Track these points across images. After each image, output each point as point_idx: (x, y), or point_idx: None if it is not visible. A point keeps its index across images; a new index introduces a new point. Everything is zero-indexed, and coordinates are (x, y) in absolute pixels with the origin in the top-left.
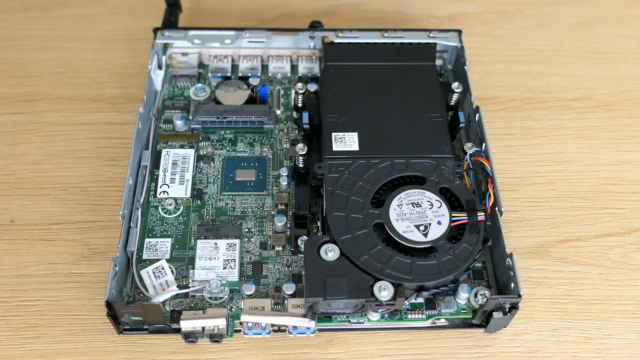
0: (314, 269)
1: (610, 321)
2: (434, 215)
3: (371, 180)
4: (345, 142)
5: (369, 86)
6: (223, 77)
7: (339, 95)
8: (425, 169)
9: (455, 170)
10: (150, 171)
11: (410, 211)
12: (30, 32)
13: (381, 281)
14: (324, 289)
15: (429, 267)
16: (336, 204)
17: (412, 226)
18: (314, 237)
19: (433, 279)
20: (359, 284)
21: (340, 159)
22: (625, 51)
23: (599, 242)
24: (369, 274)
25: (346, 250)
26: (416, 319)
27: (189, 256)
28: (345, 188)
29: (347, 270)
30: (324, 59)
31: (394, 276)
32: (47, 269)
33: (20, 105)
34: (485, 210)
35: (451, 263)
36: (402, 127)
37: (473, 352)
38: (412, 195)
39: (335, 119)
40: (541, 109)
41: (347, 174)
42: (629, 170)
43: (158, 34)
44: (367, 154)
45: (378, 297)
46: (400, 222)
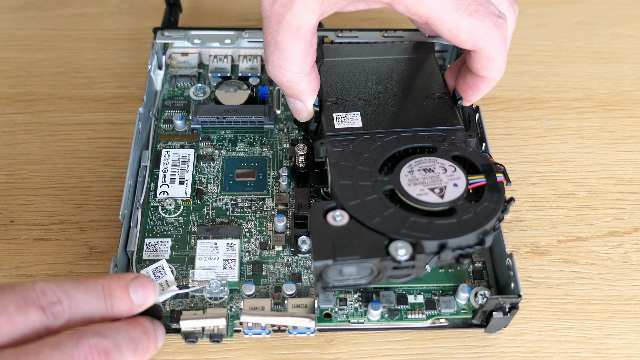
0: (321, 234)
1: (610, 321)
2: (448, 178)
3: (378, 152)
4: (348, 120)
5: (369, 76)
6: (223, 77)
7: (339, 85)
8: (435, 139)
9: (467, 140)
10: (150, 171)
11: (422, 176)
12: (30, 32)
13: (397, 241)
14: (333, 252)
15: (449, 226)
16: (342, 174)
17: (426, 189)
18: (319, 203)
19: (454, 236)
20: (373, 244)
21: (343, 136)
22: (625, 51)
23: (599, 242)
24: (383, 234)
25: (356, 214)
26: (416, 319)
27: (189, 256)
28: (350, 160)
29: (359, 232)
30: (321, 56)
31: (411, 235)
32: (47, 269)
33: (20, 105)
34: (505, 172)
35: (473, 221)
36: (406, 104)
37: (473, 352)
38: (423, 162)
39: (339, 101)
40: (541, 109)
41: (351, 147)
42: (629, 170)
43: (158, 34)
44: (371, 129)
45: (395, 256)
46: (413, 187)
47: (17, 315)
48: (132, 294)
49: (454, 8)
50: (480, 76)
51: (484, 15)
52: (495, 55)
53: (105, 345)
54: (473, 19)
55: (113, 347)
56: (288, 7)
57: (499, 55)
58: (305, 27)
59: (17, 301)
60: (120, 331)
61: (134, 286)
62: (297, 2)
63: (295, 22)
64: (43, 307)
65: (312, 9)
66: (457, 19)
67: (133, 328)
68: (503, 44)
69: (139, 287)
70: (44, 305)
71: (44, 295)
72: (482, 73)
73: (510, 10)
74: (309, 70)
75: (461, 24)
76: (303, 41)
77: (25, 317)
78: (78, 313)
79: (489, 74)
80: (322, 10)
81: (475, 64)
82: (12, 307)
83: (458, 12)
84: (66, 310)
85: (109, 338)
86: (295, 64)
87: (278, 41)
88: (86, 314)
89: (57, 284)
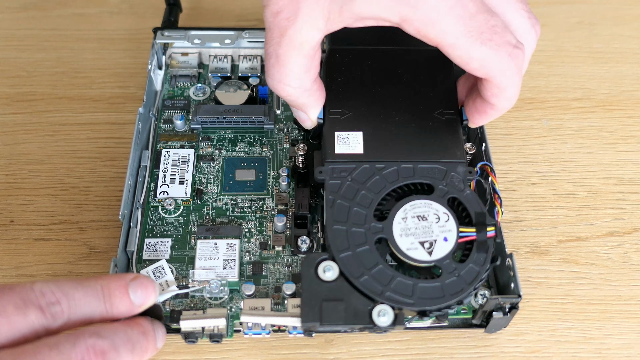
0: (311, 291)
1: (610, 321)
2: (440, 230)
3: (375, 188)
4: (349, 144)
5: (376, 74)
6: (223, 77)
7: (344, 86)
8: (434, 175)
9: (467, 177)
10: (150, 171)
11: (415, 225)
12: (30, 32)
13: (380, 305)
14: (320, 314)
15: (432, 290)
16: (337, 215)
17: (416, 243)
18: (312, 254)
19: (435, 303)
20: (357, 308)
21: (343, 163)
22: (625, 51)
23: (599, 242)
24: (368, 297)
25: (345, 270)
26: (416, 319)
27: (188, 256)
28: (347, 197)
29: (346, 293)
30: (328, 43)
31: (395, 300)
32: (47, 269)
33: (20, 105)
34: (496, 225)
35: (456, 285)
36: (411, 125)
37: (473, 352)
38: (418, 206)
39: (339, 115)
40: (541, 109)
41: (349, 180)
42: (629, 170)
43: (158, 34)
44: (372, 157)
45: (377, 323)
46: (404, 238)
47: (16, 315)
48: (132, 294)
49: (466, 35)
50: (489, 103)
51: (498, 45)
52: (507, 86)
53: (102, 346)
54: (486, 47)
55: (110, 347)
56: (291, 22)
57: (511, 86)
58: (308, 43)
59: (16, 302)
60: (118, 332)
61: (134, 286)
62: (302, 17)
63: (298, 38)
64: (42, 307)
65: (317, 26)
66: (468, 46)
67: (131, 329)
68: (517, 75)
69: (139, 287)
70: (42, 306)
71: (43, 296)
72: (492, 101)
73: (531, 33)
74: (310, 85)
75: (473, 52)
76: (305, 57)
77: (24, 318)
78: (77, 313)
79: (499, 103)
80: (327, 27)
81: (485, 91)
82: (11, 308)
83: (470, 40)
84: (65, 310)
85: (106, 339)
86: (295, 79)
87: (279, 55)
88: (85, 315)
89: (56, 285)
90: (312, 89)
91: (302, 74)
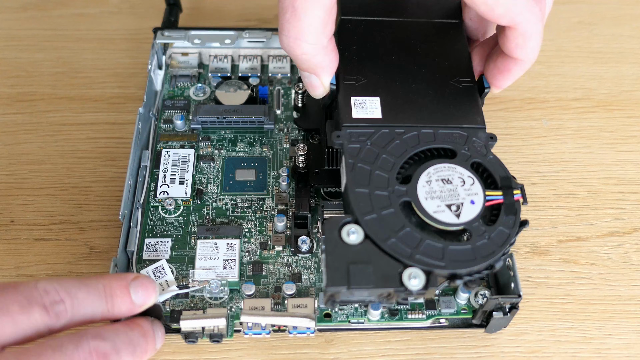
0: (336, 254)
1: (610, 321)
2: (466, 193)
3: (396, 152)
4: (366, 109)
5: (390, 44)
6: (223, 77)
7: (357, 54)
8: (455, 140)
9: (488, 142)
10: (150, 171)
11: (440, 188)
12: (30, 32)
13: (411, 268)
14: (347, 277)
15: (463, 253)
16: (358, 179)
17: (443, 205)
18: (334, 217)
19: (467, 266)
20: (386, 271)
21: (361, 127)
22: (625, 51)
23: (599, 242)
24: (396, 259)
25: (371, 232)
26: (416, 319)
27: (189, 256)
28: (367, 161)
29: (373, 256)
30: (340, 13)
31: (425, 262)
32: (47, 269)
33: (20, 105)
34: (522, 189)
35: (487, 248)
36: (428, 92)
37: (473, 352)
38: (441, 170)
39: (354, 81)
40: (541, 109)
41: (369, 144)
42: (629, 170)
43: (158, 34)
44: (391, 122)
45: (408, 287)
46: (430, 201)
47: (20, 315)
48: (133, 294)
49: None
50: (513, 58)
51: None
52: (532, 34)
53: (105, 349)
54: None
55: (112, 350)
56: None
57: (536, 34)
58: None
59: (20, 301)
60: (119, 334)
61: (135, 286)
62: None
63: None
64: (46, 306)
65: None
66: None
67: (132, 330)
68: (540, 22)
69: (140, 287)
70: (47, 305)
71: (47, 294)
72: (516, 54)
73: None
74: (326, 42)
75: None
76: (323, 9)
77: (28, 317)
78: (80, 313)
79: (523, 55)
80: None
81: (509, 42)
82: (15, 307)
83: None
84: (68, 310)
85: (108, 341)
86: (313, 35)
87: (296, 7)
88: (87, 314)
89: (59, 283)
90: (328, 48)
91: (320, 29)
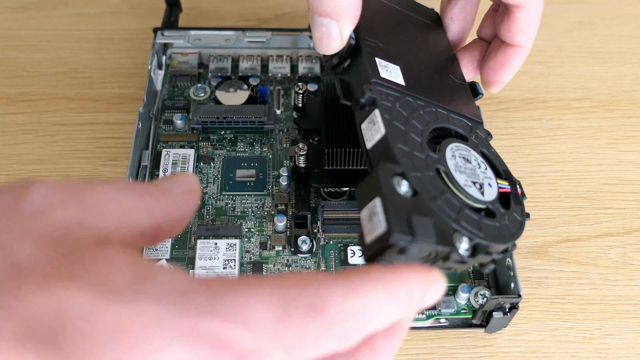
0: (396, 202)
1: (610, 321)
2: (483, 176)
3: (420, 122)
4: (390, 73)
5: (404, 30)
6: (223, 77)
7: (376, 27)
8: (464, 127)
9: (487, 138)
10: (150, 171)
11: (464, 165)
12: (30, 32)
13: (458, 232)
14: (411, 228)
15: (493, 229)
16: (396, 135)
17: (469, 181)
18: (386, 163)
19: (500, 242)
20: (442, 230)
21: (389, 88)
22: (625, 51)
23: (599, 242)
24: (444, 222)
25: (420, 189)
26: (416, 318)
27: (189, 256)
28: (400, 121)
29: (427, 211)
30: None
31: (468, 230)
32: None
33: (20, 105)
34: (520, 184)
35: (508, 229)
36: (435, 77)
37: (473, 352)
38: (461, 149)
39: (376, 45)
40: (541, 109)
41: (398, 106)
42: (629, 170)
43: (158, 34)
44: (413, 92)
45: (459, 250)
46: (459, 174)
47: None
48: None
49: None
50: (513, 46)
51: None
52: (536, 17)
53: None
54: None
55: None
56: None
57: (538, 18)
58: None
59: None
60: None
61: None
62: None
63: None
64: None
65: None
66: None
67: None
68: (541, 7)
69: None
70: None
71: None
72: (518, 39)
73: None
74: None
75: None
76: None
77: None
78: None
79: (524, 40)
80: None
81: (513, 26)
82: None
83: None
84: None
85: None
86: None
87: None
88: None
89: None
90: None
91: None
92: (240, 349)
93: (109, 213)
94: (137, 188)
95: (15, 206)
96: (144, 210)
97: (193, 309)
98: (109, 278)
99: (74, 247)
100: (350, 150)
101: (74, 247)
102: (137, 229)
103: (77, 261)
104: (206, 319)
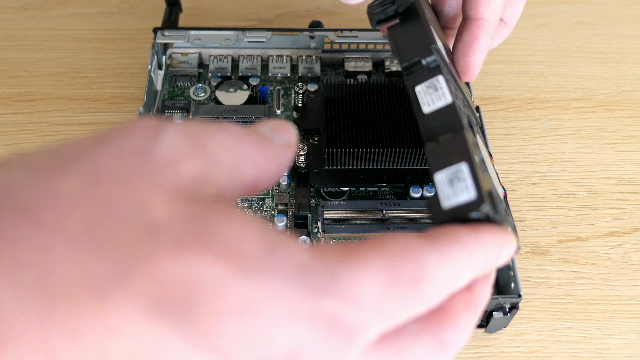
0: (483, 177)
1: (610, 321)
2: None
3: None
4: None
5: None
6: (223, 77)
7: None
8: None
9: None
10: None
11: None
12: (30, 32)
13: (509, 216)
14: (492, 200)
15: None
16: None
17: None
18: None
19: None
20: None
21: (442, 56)
22: (625, 51)
23: (599, 242)
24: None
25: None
26: None
27: None
28: (453, 91)
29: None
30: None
31: (509, 221)
32: None
33: (20, 105)
34: (504, 191)
35: (513, 227)
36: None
37: (473, 352)
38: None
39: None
40: (541, 109)
41: (450, 76)
42: (629, 170)
43: (158, 34)
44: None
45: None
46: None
47: None
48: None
49: None
50: (475, 19)
51: None
52: None
53: None
54: None
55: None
56: None
57: None
58: None
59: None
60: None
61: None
62: None
63: None
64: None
65: None
66: None
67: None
68: None
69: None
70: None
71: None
72: (479, 12)
73: None
74: None
75: None
76: None
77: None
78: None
79: (486, 12)
80: None
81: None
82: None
83: None
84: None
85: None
86: None
87: None
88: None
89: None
90: None
91: None
92: (349, 325)
93: (224, 165)
94: (243, 136)
95: (146, 153)
96: (250, 164)
97: (314, 288)
98: (239, 248)
99: (203, 207)
100: (350, 150)
101: (203, 206)
102: (243, 184)
103: (208, 225)
104: (325, 299)
